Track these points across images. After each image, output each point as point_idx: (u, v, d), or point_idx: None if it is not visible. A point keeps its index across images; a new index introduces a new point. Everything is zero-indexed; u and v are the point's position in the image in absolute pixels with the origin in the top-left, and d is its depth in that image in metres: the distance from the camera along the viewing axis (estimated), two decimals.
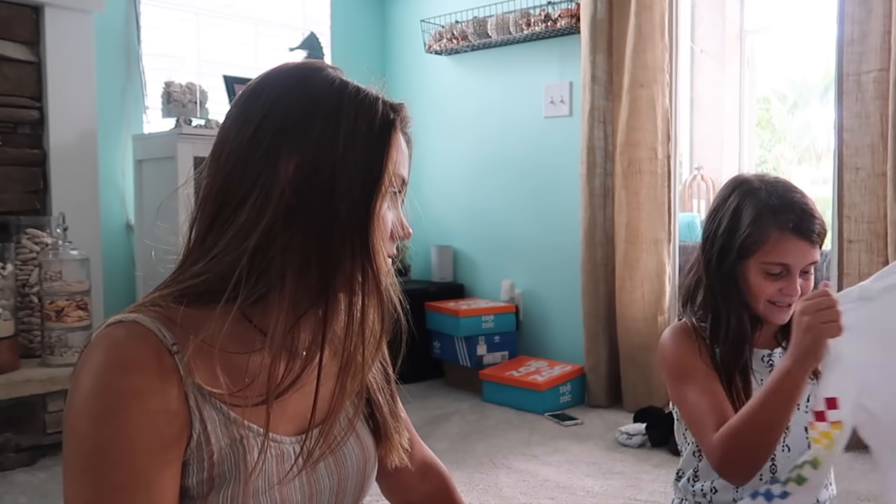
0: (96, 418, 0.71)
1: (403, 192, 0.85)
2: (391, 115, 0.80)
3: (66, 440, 0.72)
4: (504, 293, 3.70)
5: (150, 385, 0.72)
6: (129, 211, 3.28)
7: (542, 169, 3.57)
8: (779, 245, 1.23)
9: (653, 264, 3.15)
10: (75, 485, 0.71)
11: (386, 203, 0.80)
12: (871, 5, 2.56)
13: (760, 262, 1.24)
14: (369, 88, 0.80)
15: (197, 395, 0.74)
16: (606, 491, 2.35)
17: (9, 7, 2.79)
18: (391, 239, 0.83)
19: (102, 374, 0.72)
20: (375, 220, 0.78)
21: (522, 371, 3.31)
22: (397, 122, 0.81)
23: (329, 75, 0.80)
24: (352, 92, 0.79)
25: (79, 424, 0.71)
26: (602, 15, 3.20)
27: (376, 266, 0.78)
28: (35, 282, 2.74)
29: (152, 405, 0.71)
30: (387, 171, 0.78)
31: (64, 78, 2.90)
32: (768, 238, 1.23)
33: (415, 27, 3.95)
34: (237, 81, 3.25)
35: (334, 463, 0.85)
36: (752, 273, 1.25)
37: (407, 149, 0.84)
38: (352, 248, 0.77)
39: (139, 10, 3.29)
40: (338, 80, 0.80)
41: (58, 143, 2.90)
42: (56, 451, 2.59)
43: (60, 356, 2.64)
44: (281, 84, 0.81)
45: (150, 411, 0.71)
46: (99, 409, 0.71)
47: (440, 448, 2.63)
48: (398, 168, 0.81)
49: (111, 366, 0.72)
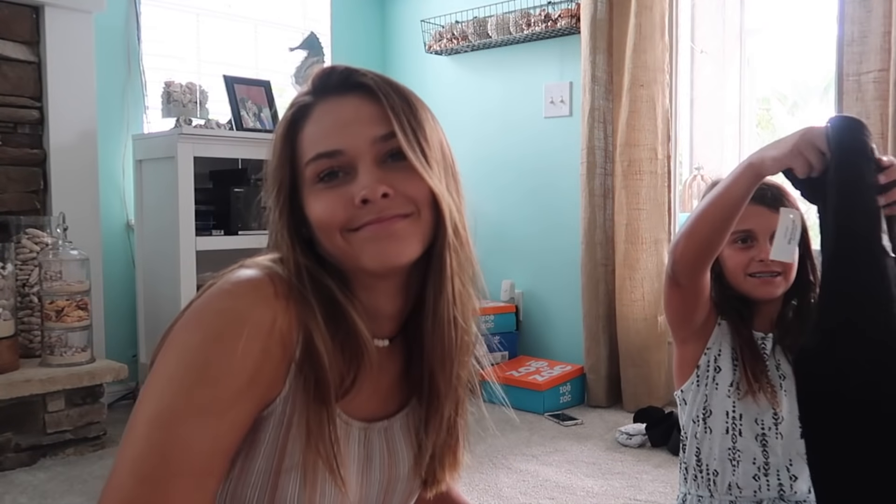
0: (210, 336, 0.73)
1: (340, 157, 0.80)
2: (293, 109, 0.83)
3: (169, 348, 0.74)
4: (504, 293, 3.70)
5: (271, 325, 0.74)
6: (129, 211, 3.28)
7: (541, 169, 3.57)
8: None
9: (653, 264, 3.15)
10: (162, 389, 0.73)
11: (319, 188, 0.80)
12: (871, 5, 2.56)
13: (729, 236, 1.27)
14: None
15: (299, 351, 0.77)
16: (606, 491, 2.35)
17: (9, 7, 2.79)
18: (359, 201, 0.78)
19: (231, 299, 0.75)
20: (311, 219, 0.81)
21: (522, 371, 3.31)
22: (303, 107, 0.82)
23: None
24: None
25: (190, 336, 0.74)
26: (602, 15, 3.20)
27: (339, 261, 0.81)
28: (35, 282, 2.74)
29: (265, 344, 0.74)
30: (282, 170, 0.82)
31: (64, 78, 2.90)
32: None
33: (415, 27, 3.95)
34: (237, 81, 3.25)
35: (388, 460, 0.88)
36: (725, 250, 1.31)
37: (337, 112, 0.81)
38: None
39: (139, 10, 3.29)
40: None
41: (58, 143, 2.90)
42: (56, 450, 2.59)
43: (60, 356, 2.64)
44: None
45: (260, 349, 0.74)
46: (216, 327, 0.73)
47: None
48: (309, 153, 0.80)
49: (242, 294, 0.75)
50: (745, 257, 1.30)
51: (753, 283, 1.30)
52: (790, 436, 1.31)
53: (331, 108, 0.80)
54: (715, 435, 1.35)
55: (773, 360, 1.33)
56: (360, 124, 0.78)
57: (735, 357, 1.33)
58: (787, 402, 1.31)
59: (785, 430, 1.31)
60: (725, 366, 1.34)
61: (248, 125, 3.21)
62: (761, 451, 1.32)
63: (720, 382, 1.34)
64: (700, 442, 1.37)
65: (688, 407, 1.39)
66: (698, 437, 1.37)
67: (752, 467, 1.32)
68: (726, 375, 1.34)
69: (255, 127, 3.22)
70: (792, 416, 1.29)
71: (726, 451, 1.34)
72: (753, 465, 1.32)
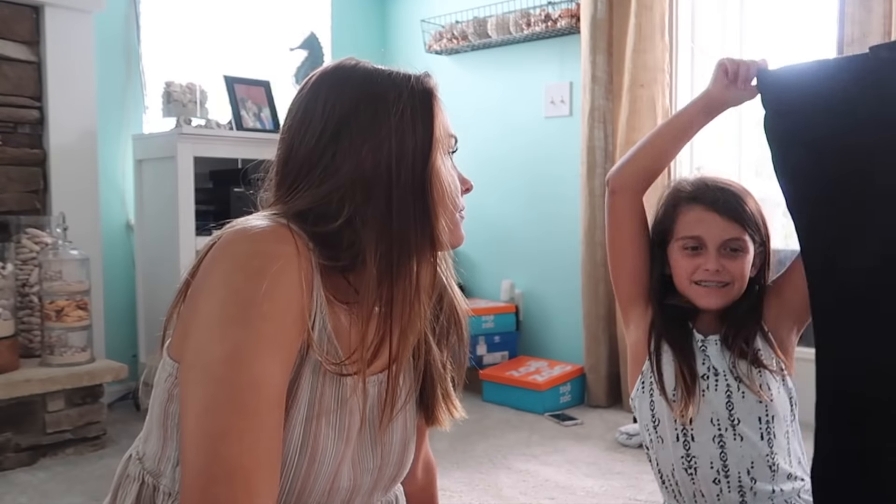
0: (252, 274, 0.76)
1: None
2: (426, 84, 0.90)
3: (212, 296, 0.77)
4: (504, 293, 3.70)
5: (297, 259, 0.79)
6: (129, 211, 3.28)
7: (542, 169, 3.57)
8: (686, 216, 1.29)
9: None
10: (222, 331, 0.75)
11: (448, 162, 0.91)
12: (871, 5, 2.56)
13: (678, 241, 1.29)
14: (398, 68, 0.91)
15: (319, 295, 0.82)
16: (606, 491, 2.35)
17: (9, 7, 2.79)
18: (462, 192, 0.94)
19: (254, 242, 0.78)
20: (435, 182, 0.86)
21: (522, 371, 3.31)
22: (433, 88, 0.90)
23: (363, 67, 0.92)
24: (387, 75, 0.90)
25: (232, 279, 0.76)
26: (602, 15, 3.20)
27: (436, 231, 0.86)
28: (35, 281, 2.74)
29: (298, 276, 0.78)
30: (435, 135, 0.87)
31: (64, 78, 2.90)
32: (678, 213, 1.30)
33: (415, 27, 3.95)
34: (237, 81, 3.25)
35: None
36: (674, 255, 1.31)
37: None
38: (414, 213, 0.85)
39: (139, 10, 3.29)
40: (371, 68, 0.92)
41: (58, 143, 2.90)
42: (56, 450, 2.59)
43: (60, 356, 2.65)
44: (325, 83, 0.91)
45: (297, 279, 0.78)
46: (255, 265, 0.76)
47: (440, 448, 2.63)
48: (448, 129, 0.91)
49: (262, 237, 0.78)
50: (691, 264, 1.27)
51: (698, 291, 1.27)
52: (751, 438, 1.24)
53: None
54: (666, 444, 1.29)
55: (709, 360, 1.27)
56: None
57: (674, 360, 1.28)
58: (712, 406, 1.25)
59: (744, 431, 1.24)
60: (668, 369, 1.28)
61: (248, 125, 3.21)
62: (719, 454, 1.25)
63: (666, 385, 1.28)
64: (656, 452, 1.31)
65: (638, 415, 1.34)
66: (654, 447, 1.32)
67: (710, 472, 1.25)
68: (670, 379, 1.28)
69: (255, 127, 3.22)
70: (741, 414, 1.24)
71: (680, 459, 1.27)
72: (712, 470, 1.25)
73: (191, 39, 3.48)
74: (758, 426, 1.24)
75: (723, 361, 1.27)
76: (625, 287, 1.38)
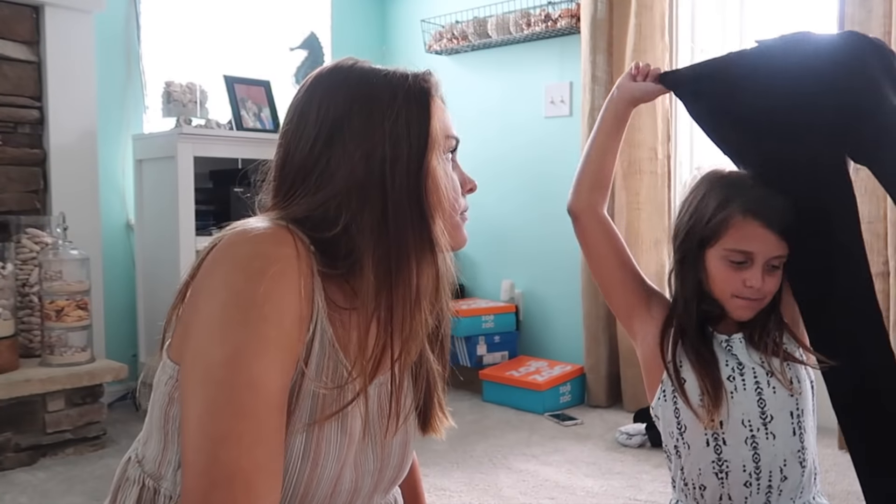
0: (253, 276, 0.75)
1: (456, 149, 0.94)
2: (424, 84, 0.88)
3: (213, 297, 0.76)
4: (504, 293, 3.70)
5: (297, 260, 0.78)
6: (129, 211, 3.28)
7: (542, 169, 3.57)
8: (740, 230, 1.21)
9: (653, 265, 3.15)
10: (223, 333, 0.74)
11: (446, 164, 0.89)
12: (871, 6, 2.56)
13: (724, 250, 1.22)
14: (396, 68, 0.89)
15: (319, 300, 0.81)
16: (606, 491, 2.35)
17: (9, 7, 2.79)
18: (463, 193, 0.93)
19: (254, 243, 0.78)
20: (431, 185, 0.85)
21: (522, 371, 3.31)
22: (431, 88, 0.88)
23: (359, 67, 0.90)
24: (383, 75, 0.89)
25: (233, 281, 0.76)
26: (602, 15, 3.20)
27: (434, 235, 0.85)
28: (35, 281, 2.74)
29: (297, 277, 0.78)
30: (431, 136, 0.86)
31: (64, 78, 2.90)
32: (730, 223, 1.21)
33: (415, 27, 3.95)
34: (237, 81, 3.25)
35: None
36: (715, 262, 1.24)
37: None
38: (410, 217, 0.84)
39: (139, 10, 3.29)
40: (367, 68, 0.90)
41: (58, 143, 2.90)
42: (56, 450, 2.59)
43: (60, 356, 2.65)
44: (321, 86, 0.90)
45: (297, 282, 0.78)
46: (256, 267, 0.76)
47: (439, 448, 2.63)
48: (447, 130, 0.89)
49: (261, 239, 0.78)
50: (737, 278, 1.21)
51: (738, 303, 1.23)
52: (782, 436, 1.23)
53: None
54: (694, 450, 1.26)
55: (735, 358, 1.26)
56: None
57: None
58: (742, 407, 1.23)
59: (776, 429, 1.23)
60: (690, 377, 1.25)
61: (248, 125, 3.21)
62: (751, 455, 1.23)
63: (690, 394, 1.25)
64: (682, 459, 1.28)
65: (661, 423, 1.32)
66: (680, 454, 1.29)
67: (742, 475, 1.23)
68: (693, 387, 1.25)
69: (255, 127, 3.22)
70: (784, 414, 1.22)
71: (710, 464, 1.24)
72: (744, 473, 1.23)
73: (191, 39, 3.48)
74: (790, 421, 1.23)
75: (749, 358, 1.25)
76: (620, 300, 1.35)
